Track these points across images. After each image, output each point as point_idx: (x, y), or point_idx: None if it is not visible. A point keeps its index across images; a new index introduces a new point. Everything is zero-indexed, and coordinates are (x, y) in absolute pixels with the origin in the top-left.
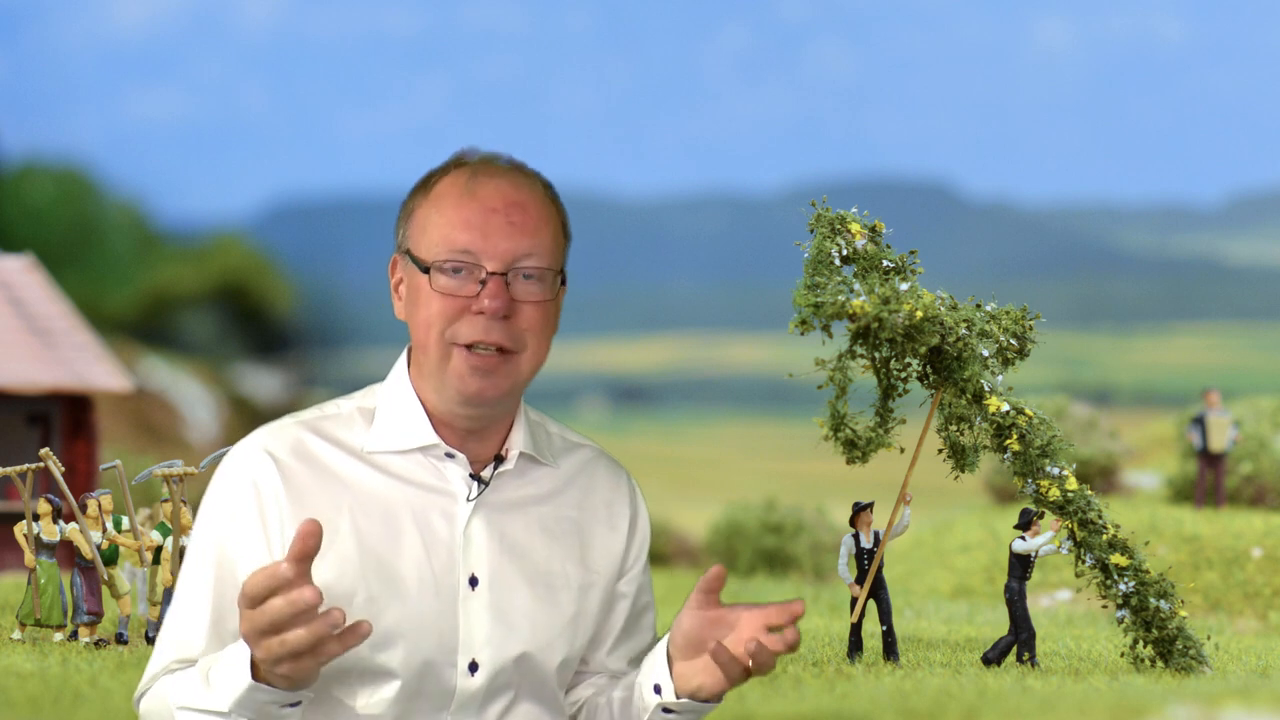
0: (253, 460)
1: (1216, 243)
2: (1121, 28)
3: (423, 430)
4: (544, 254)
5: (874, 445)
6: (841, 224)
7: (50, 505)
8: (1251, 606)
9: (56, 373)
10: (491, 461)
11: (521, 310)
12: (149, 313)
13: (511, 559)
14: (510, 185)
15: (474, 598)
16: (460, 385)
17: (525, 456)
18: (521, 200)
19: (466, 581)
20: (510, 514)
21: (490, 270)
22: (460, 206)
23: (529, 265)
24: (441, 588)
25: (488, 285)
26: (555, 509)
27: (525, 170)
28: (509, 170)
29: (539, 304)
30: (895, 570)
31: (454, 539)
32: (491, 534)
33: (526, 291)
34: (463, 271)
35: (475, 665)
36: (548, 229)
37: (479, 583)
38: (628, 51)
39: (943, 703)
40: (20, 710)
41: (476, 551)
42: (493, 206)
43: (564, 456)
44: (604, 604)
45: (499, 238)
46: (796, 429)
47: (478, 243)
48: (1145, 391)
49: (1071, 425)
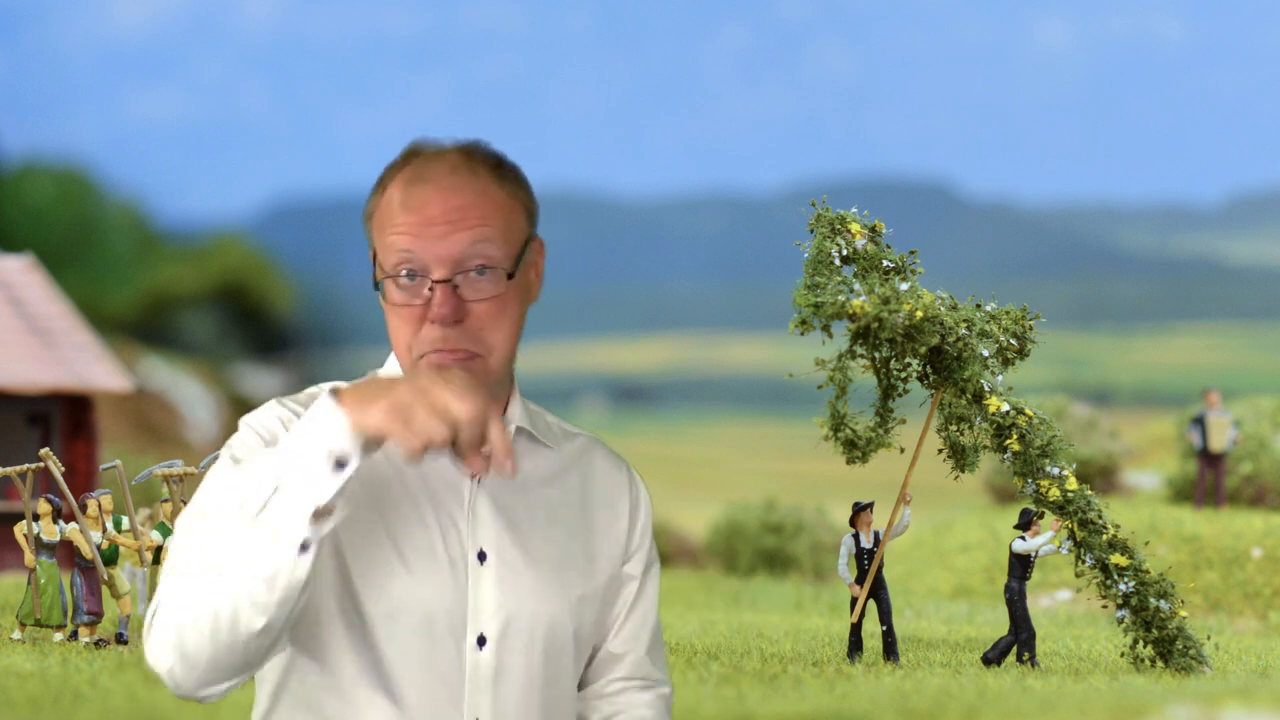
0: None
1: (1216, 243)
2: (1121, 28)
3: None
4: (491, 248)
5: (874, 445)
6: (841, 224)
7: (50, 505)
8: (1251, 606)
9: (56, 373)
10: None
11: (474, 310)
12: (149, 313)
13: (517, 536)
14: (448, 185)
15: (482, 572)
16: None
17: (524, 433)
18: (460, 201)
19: (475, 556)
20: (514, 493)
21: (435, 279)
22: (401, 215)
23: (475, 263)
24: (450, 562)
25: (435, 294)
26: (559, 491)
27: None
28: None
29: (491, 300)
30: (895, 570)
31: (461, 514)
32: (497, 511)
33: (478, 290)
34: (415, 279)
35: (483, 639)
36: (495, 219)
37: (487, 558)
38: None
39: (943, 703)
40: (20, 710)
41: (484, 527)
42: (431, 213)
43: (563, 442)
44: (610, 586)
45: (437, 244)
46: (796, 429)
47: (418, 252)
48: (1145, 391)
49: (1071, 425)
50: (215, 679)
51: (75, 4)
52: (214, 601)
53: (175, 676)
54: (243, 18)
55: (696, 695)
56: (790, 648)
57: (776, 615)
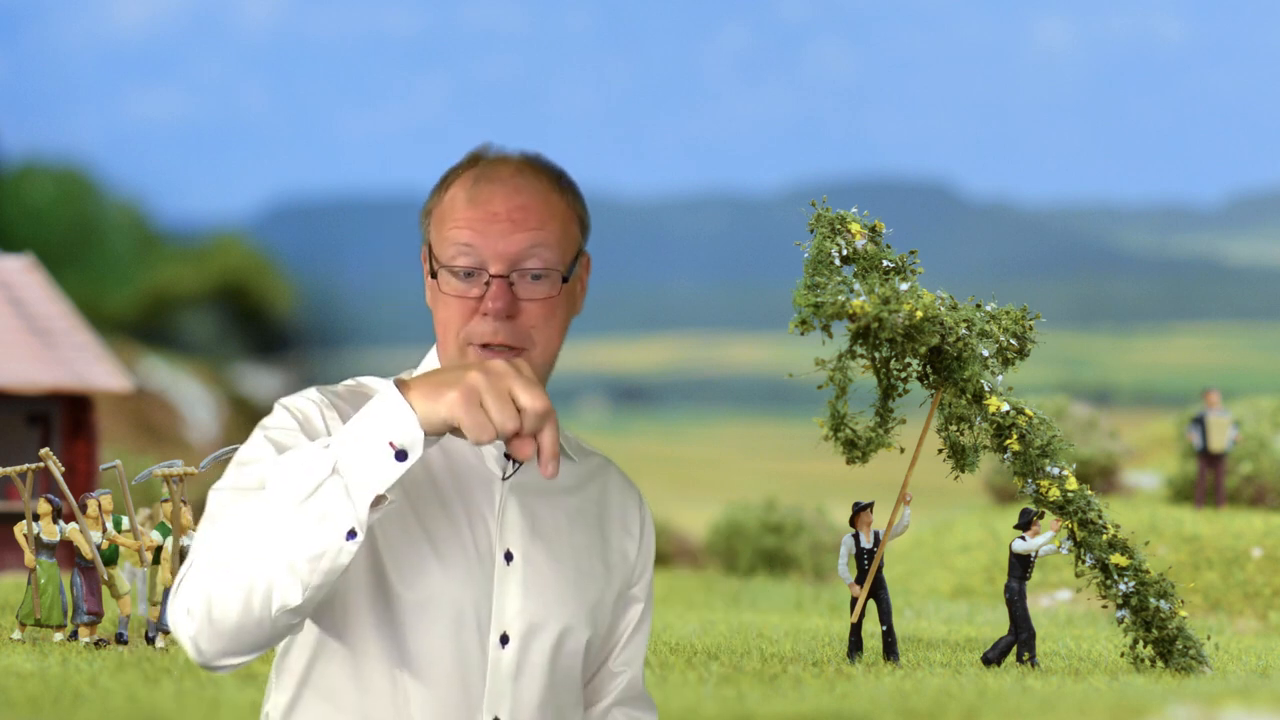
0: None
1: (1216, 243)
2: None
3: None
4: (548, 251)
5: (874, 445)
6: (841, 224)
7: (50, 505)
8: (1251, 606)
9: (56, 373)
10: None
11: (526, 309)
12: (149, 313)
13: (542, 540)
14: (513, 186)
15: (509, 572)
16: None
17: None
18: (524, 201)
19: (502, 556)
20: (541, 498)
21: (493, 273)
22: (466, 209)
23: (532, 265)
24: (481, 559)
25: (491, 288)
26: (581, 501)
27: (535, 165)
28: (516, 169)
29: (544, 301)
30: (895, 570)
31: (491, 514)
32: (524, 514)
33: (532, 291)
34: (471, 275)
35: (506, 638)
36: (553, 224)
37: (514, 558)
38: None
39: (943, 703)
40: (20, 710)
41: (511, 529)
42: (494, 210)
43: (582, 457)
44: (618, 602)
45: (499, 241)
46: (796, 429)
47: (479, 247)
48: (1145, 391)
49: (1071, 425)
50: (237, 651)
51: (75, 4)
52: (251, 576)
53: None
54: (243, 18)
55: (696, 695)
56: (790, 648)
57: (776, 615)
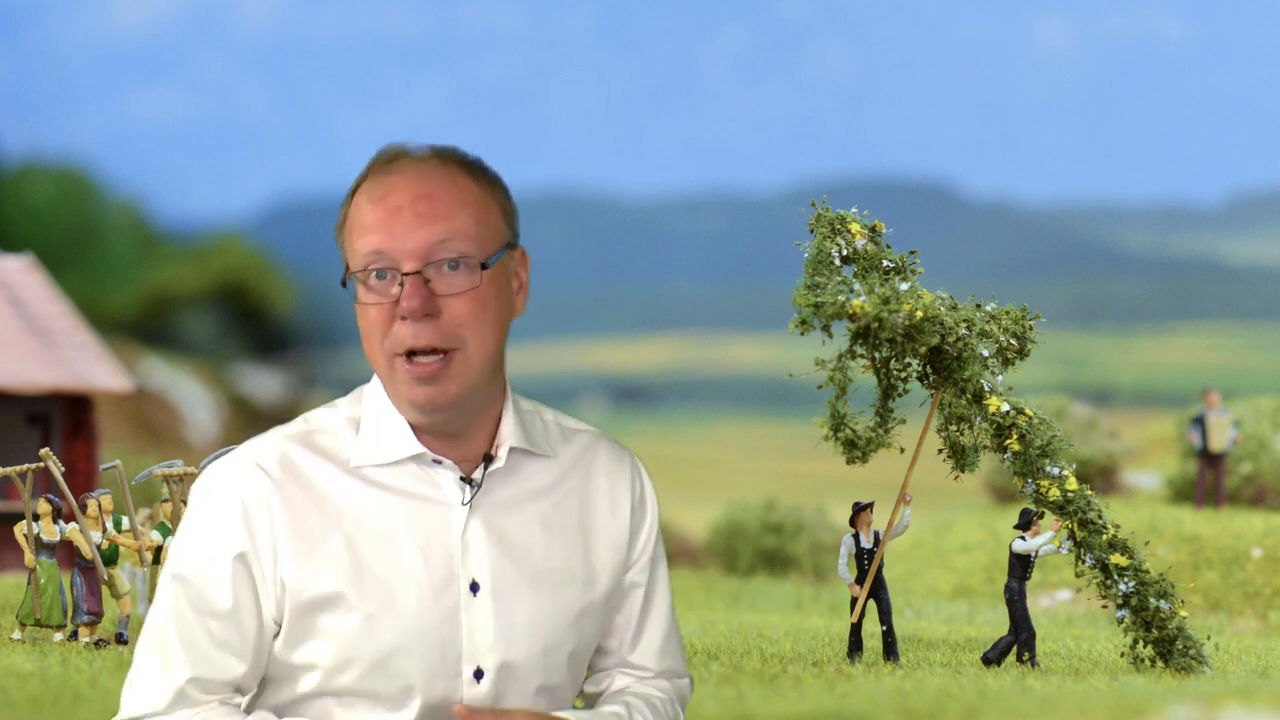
0: (242, 479)
1: (1216, 243)
2: (1121, 28)
3: (406, 440)
4: (463, 239)
5: (874, 445)
6: (841, 224)
7: (50, 505)
8: (1251, 606)
9: (56, 373)
10: (482, 461)
11: (448, 305)
12: (149, 313)
13: (512, 560)
14: (416, 176)
15: (476, 604)
16: (409, 395)
17: (518, 451)
18: (429, 190)
19: (467, 588)
20: (508, 513)
21: (404, 271)
22: (371, 210)
23: (446, 255)
24: (441, 598)
25: (404, 286)
26: (555, 502)
27: (441, 155)
28: (418, 160)
29: (467, 294)
30: (895, 570)
31: (450, 546)
32: (490, 536)
33: (450, 284)
34: (384, 276)
35: (480, 672)
36: (466, 211)
37: (480, 588)
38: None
39: (943, 703)
40: (20, 710)
41: (476, 556)
42: (397, 203)
43: (562, 445)
44: (613, 597)
45: (407, 236)
46: (796, 429)
47: (387, 243)
48: (1145, 391)
49: (1071, 425)
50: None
51: (75, 4)
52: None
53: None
54: (243, 18)
55: (696, 695)
56: (790, 648)
57: (776, 615)
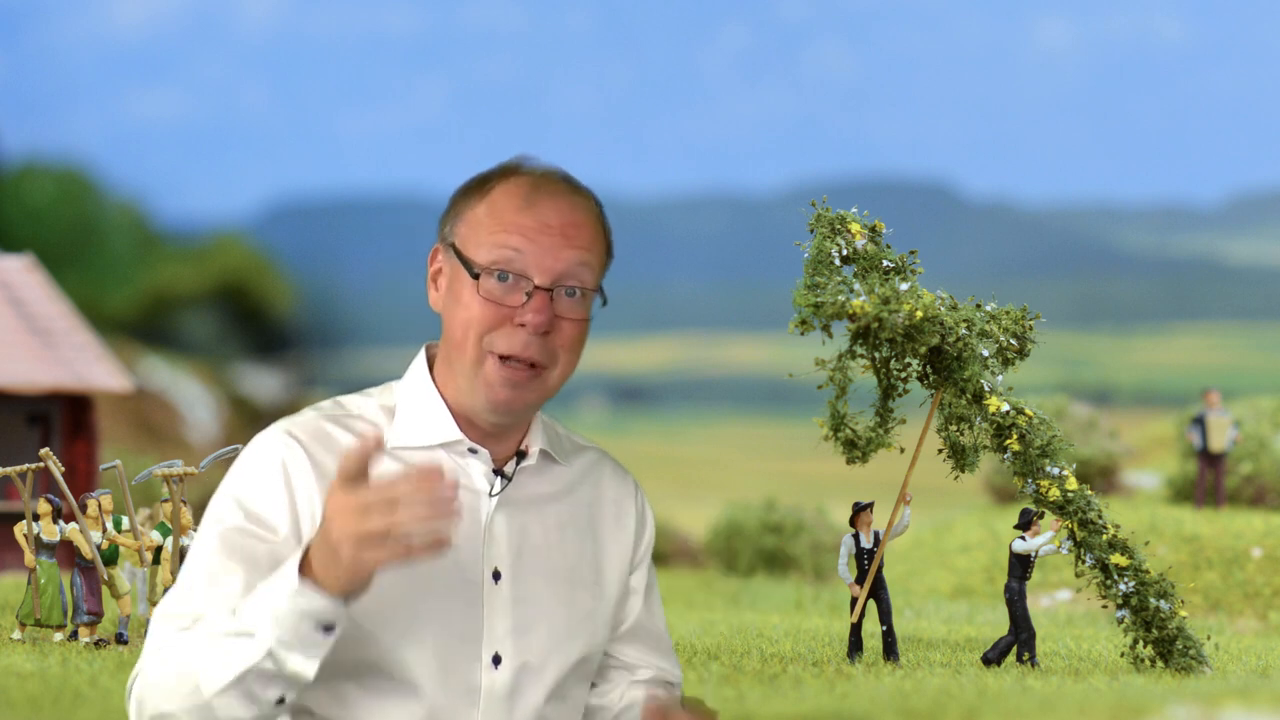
0: (280, 442)
1: (1216, 243)
2: (1121, 28)
3: (446, 426)
4: (589, 273)
5: (874, 445)
6: (841, 224)
7: (50, 505)
8: (1251, 606)
9: (56, 373)
10: (513, 458)
11: (560, 326)
12: (149, 313)
13: (532, 555)
14: (568, 204)
15: (497, 591)
16: (489, 393)
17: (544, 454)
18: (578, 220)
19: (490, 575)
20: (530, 510)
21: (537, 284)
22: (518, 215)
23: (574, 282)
24: (466, 581)
25: (533, 299)
26: (570, 507)
27: (581, 189)
28: (568, 188)
29: (577, 321)
30: (895, 570)
31: (477, 534)
32: (513, 529)
33: (568, 308)
34: (510, 280)
35: (498, 658)
36: (598, 247)
37: (501, 577)
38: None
39: (943, 703)
40: (20, 710)
41: (499, 546)
42: (549, 222)
43: (573, 457)
44: (618, 600)
45: (552, 254)
46: (796, 429)
47: (531, 255)
48: (1145, 391)
49: (1071, 425)
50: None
51: (75, 4)
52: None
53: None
54: (243, 18)
55: (697, 695)
56: (790, 648)
57: (776, 615)
